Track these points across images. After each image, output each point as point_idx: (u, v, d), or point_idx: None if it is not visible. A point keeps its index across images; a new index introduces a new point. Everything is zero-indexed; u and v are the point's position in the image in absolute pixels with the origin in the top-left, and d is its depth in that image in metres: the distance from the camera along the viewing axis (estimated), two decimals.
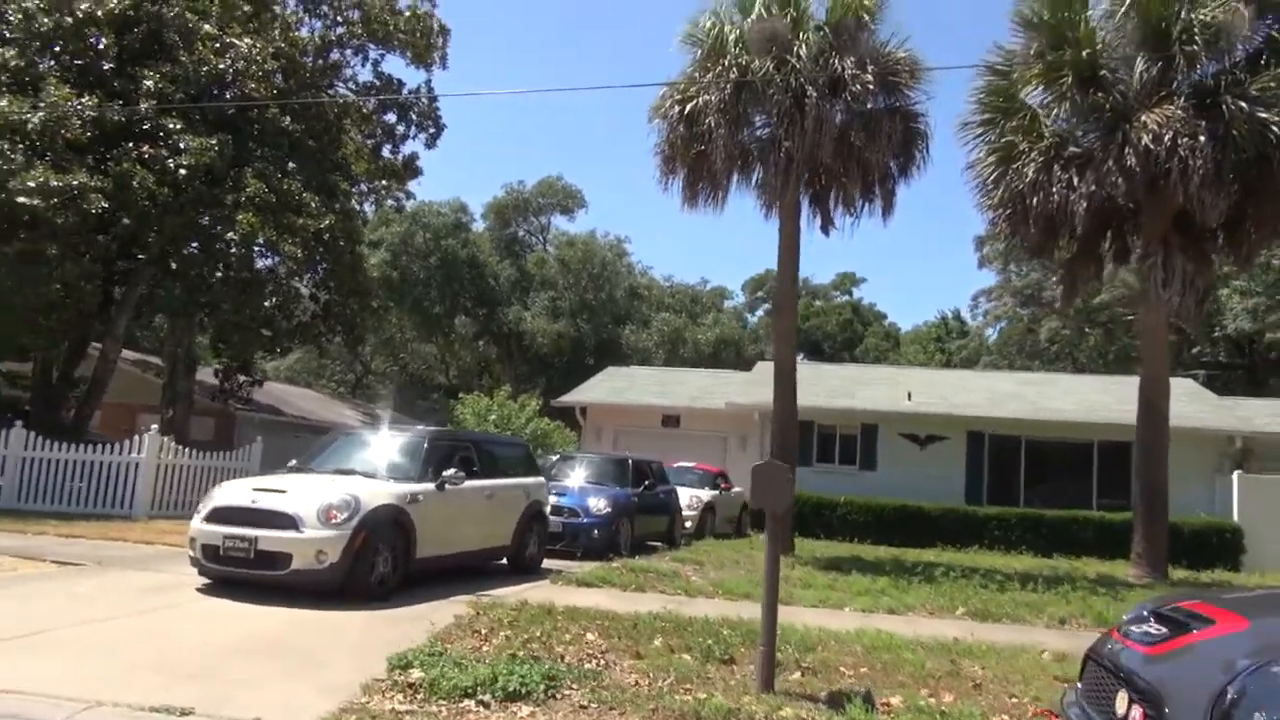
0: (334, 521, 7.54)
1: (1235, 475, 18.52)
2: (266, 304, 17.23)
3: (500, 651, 5.95)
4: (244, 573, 7.59)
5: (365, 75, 21.99)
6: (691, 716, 4.72)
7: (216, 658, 5.56)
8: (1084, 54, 12.56)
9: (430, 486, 8.64)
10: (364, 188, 23.25)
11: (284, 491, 7.89)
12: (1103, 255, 14.68)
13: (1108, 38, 12.96)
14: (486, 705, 4.79)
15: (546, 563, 10.99)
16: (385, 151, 22.14)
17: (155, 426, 14.96)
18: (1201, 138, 11.80)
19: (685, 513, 15.99)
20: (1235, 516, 18.23)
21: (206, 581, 8.11)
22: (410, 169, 22.45)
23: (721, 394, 24.59)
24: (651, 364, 33.63)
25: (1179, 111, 12.00)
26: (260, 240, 16.55)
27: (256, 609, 7.15)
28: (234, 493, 8.07)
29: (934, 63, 13.43)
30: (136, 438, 14.57)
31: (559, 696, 4.97)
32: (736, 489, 18.95)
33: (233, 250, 16.59)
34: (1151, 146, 11.87)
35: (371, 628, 6.80)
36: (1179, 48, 12.07)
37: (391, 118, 22.24)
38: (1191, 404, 22.37)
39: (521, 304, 38.47)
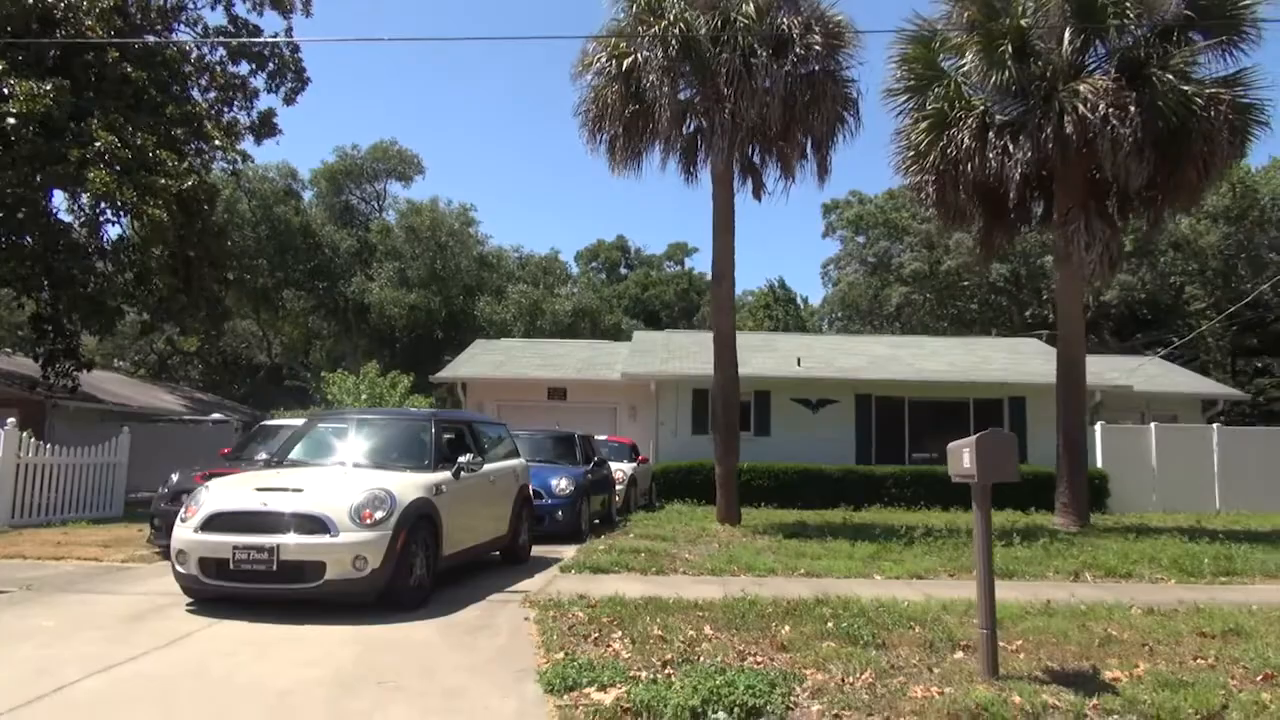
0: (370, 522, 6.45)
1: (1098, 426, 20.08)
2: (122, 276, 14.89)
3: (645, 657, 5.25)
4: (264, 588, 6.34)
5: (217, 19, 19.49)
6: (959, 714, 4.25)
7: (319, 703, 4.51)
8: (1021, 23, 12.91)
9: (448, 475, 7.63)
10: (200, 145, 20.69)
11: (300, 490, 6.66)
12: (1015, 221, 15.31)
13: (1037, 9, 13.37)
14: None
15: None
16: (236, 108, 19.72)
17: (12, 420, 12.59)
18: (1131, 108, 12.46)
19: None
20: (1099, 463, 19.79)
21: (190, 602, 6.79)
22: (267, 126, 20.16)
23: (605, 365, 24.08)
24: (510, 336, 32.42)
25: (1110, 83, 12.61)
26: (120, 202, 14.25)
27: (290, 630, 6.00)
28: (231, 494, 6.74)
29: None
30: None
31: (794, 705, 4.37)
32: (646, 460, 18.56)
33: (84, 213, 14.21)
34: (1089, 116, 12.41)
35: (452, 642, 5.85)
36: (1109, 19, 12.64)
37: (245, 68, 19.85)
38: (1046, 361, 24.16)
39: (365, 275, 36.01)
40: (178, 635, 5.83)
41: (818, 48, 13.12)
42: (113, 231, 15.73)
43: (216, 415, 28.60)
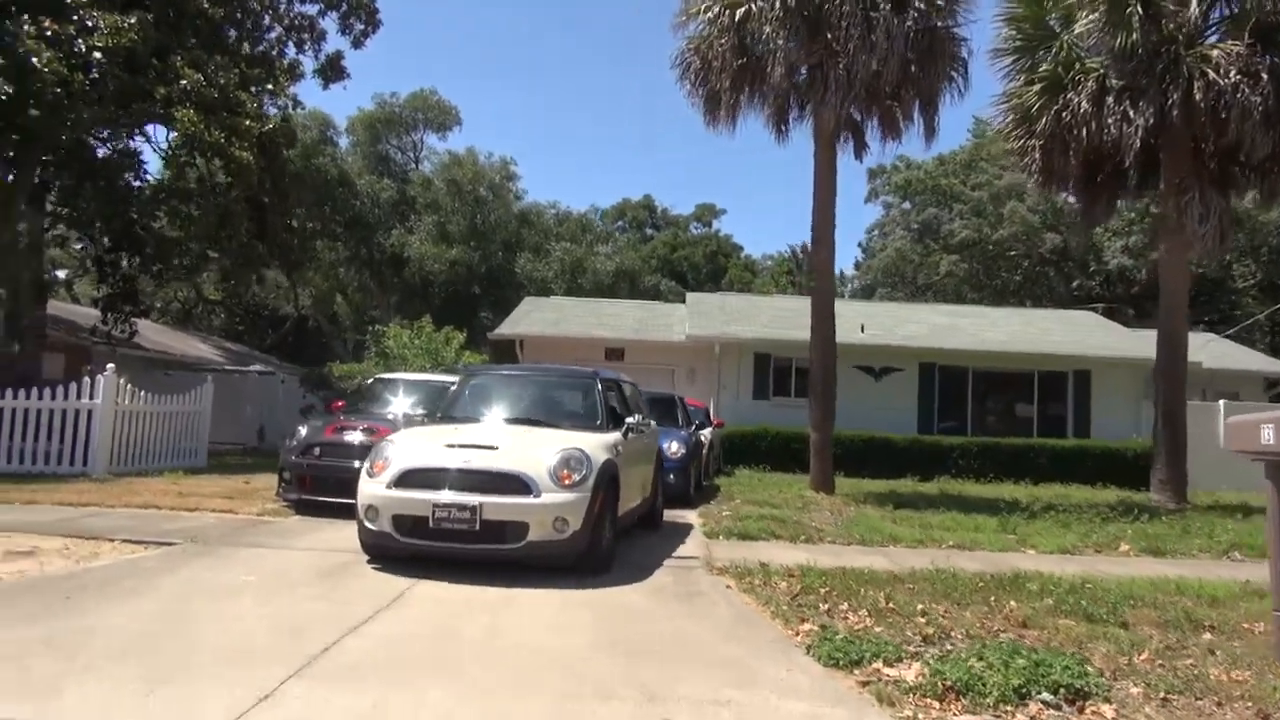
0: (569, 483, 6.26)
1: None
2: (209, 219, 14.58)
3: (899, 630, 5.09)
4: (465, 548, 6.16)
5: None
6: None
7: (609, 668, 4.34)
8: None
9: (618, 435, 7.43)
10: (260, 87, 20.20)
11: (495, 448, 6.46)
12: (1120, 188, 14.97)
13: None
14: (1056, 707, 3.95)
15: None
16: (305, 49, 19.21)
17: (111, 366, 12.38)
18: (1264, 75, 12.09)
19: None
20: None
21: (369, 559, 6.63)
22: (334, 69, 19.66)
23: (663, 326, 23.89)
24: (550, 295, 32.10)
25: (1242, 48, 12.21)
26: (209, 141, 13.90)
27: (500, 593, 5.83)
28: (424, 450, 6.53)
29: None
30: (86, 380, 12.03)
31: (1114, 687, 4.20)
32: (722, 424, 18.38)
33: (176, 152, 13.87)
34: (1219, 81, 12.05)
35: (675, 610, 5.69)
36: None
37: (312, 8, 19.30)
38: (1108, 335, 23.95)
39: (404, 228, 35.56)
40: (393, 594, 5.66)
41: (940, 2, 12.72)
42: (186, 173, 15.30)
43: (258, 366, 28.45)
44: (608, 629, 5.10)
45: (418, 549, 6.25)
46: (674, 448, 11.44)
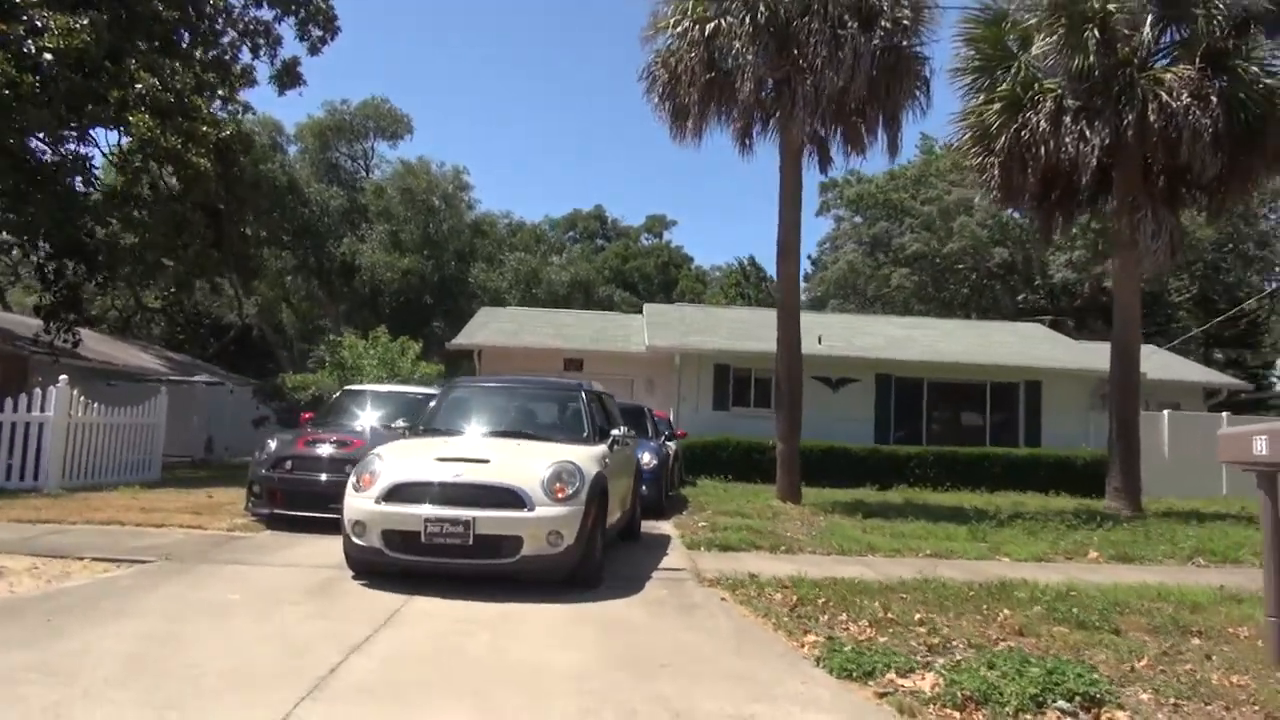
0: (562, 496, 6.19)
1: None
2: (164, 226, 14.16)
3: (904, 641, 5.13)
4: (457, 563, 6.04)
5: None
6: None
7: (625, 687, 4.29)
8: (1109, 7, 12.86)
9: (605, 448, 7.39)
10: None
11: (486, 461, 6.37)
12: (1075, 205, 15.39)
13: None
14: (1073, 715, 4.01)
15: None
16: (261, 55, 18.83)
17: (64, 377, 11.93)
18: (1213, 98, 12.55)
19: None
20: None
21: (353, 575, 6.49)
22: (290, 75, 19.30)
23: (621, 337, 23.88)
24: (504, 305, 31.87)
25: (1194, 72, 12.67)
26: (164, 147, 13.52)
27: (497, 609, 5.74)
28: (414, 464, 6.41)
29: None
30: (37, 392, 11.58)
31: (1123, 693, 4.28)
32: (685, 435, 18.39)
33: (129, 157, 13.47)
34: (1172, 104, 12.47)
35: (675, 623, 5.66)
36: (1195, 6, 12.68)
37: (268, 12, 18.93)
38: (1055, 347, 24.59)
39: (355, 236, 34.98)
40: (387, 612, 5.53)
41: (905, 21, 12.97)
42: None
43: (203, 376, 27.72)
44: (612, 644, 5.05)
45: (409, 564, 6.13)
46: (647, 459, 11.39)
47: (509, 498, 6.10)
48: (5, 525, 8.44)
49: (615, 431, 7.61)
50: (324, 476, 8.89)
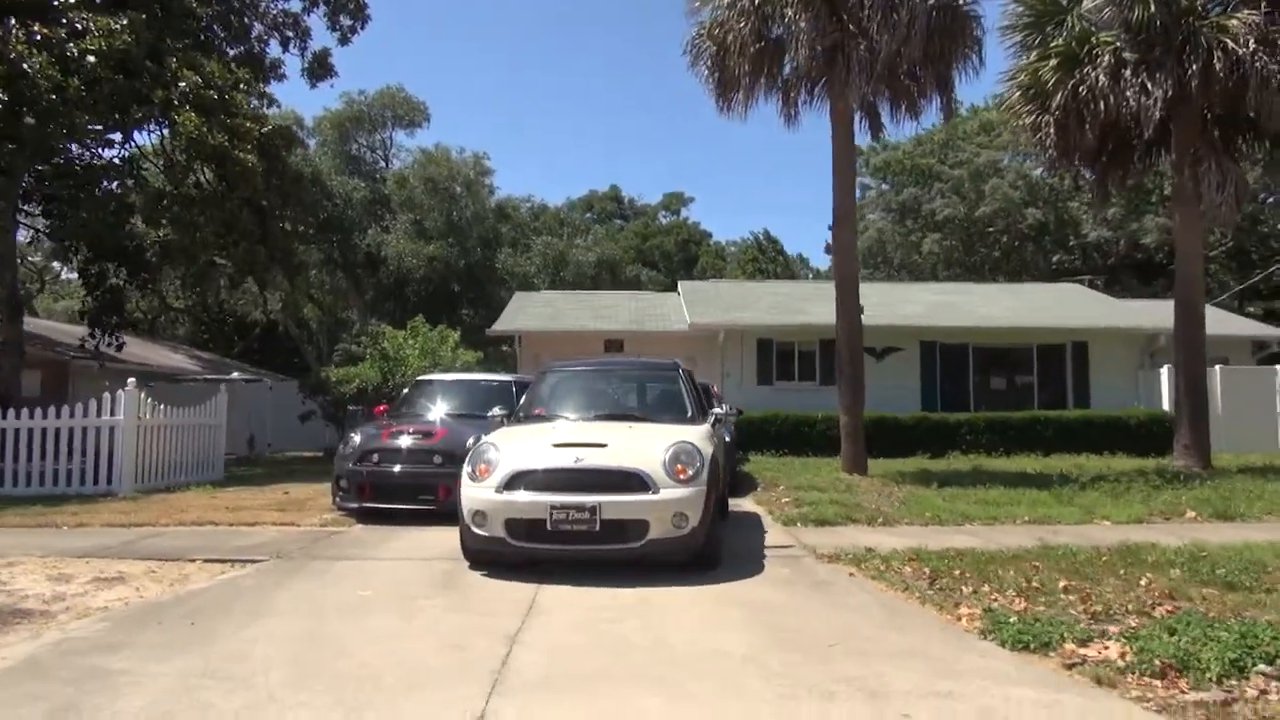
0: (684, 478, 6.09)
1: (1165, 369, 20.18)
2: (214, 225, 14.10)
3: (1062, 610, 5.02)
4: (585, 549, 5.97)
5: None
6: None
7: (808, 668, 4.20)
8: None
9: (708, 427, 7.28)
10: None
11: (605, 445, 6.27)
12: (1132, 161, 15.11)
13: None
14: (1278, 677, 3.89)
15: None
16: (291, 46, 18.68)
17: (133, 380, 11.92)
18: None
19: None
20: (1165, 406, 19.93)
21: (470, 565, 6.43)
22: (322, 67, 19.16)
23: (658, 315, 23.77)
24: (533, 289, 31.75)
25: (1259, 18, 12.36)
26: (213, 145, 13.43)
27: (634, 593, 5.66)
28: (532, 451, 6.30)
29: None
30: (106, 396, 11.57)
31: None
32: (741, 411, 18.27)
33: (176, 158, 13.39)
34: (1239, 50, 12.18)
35: (816, 601, 5.56)
36: None
37: (295, 5, 18.77)
38: (1099, 306, 24.27)
39: (380, 227, 34.87)
40: (525, 601, 5.46)
41: None
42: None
43: (236, 374, 27.80)
44: (766, 625, 4.95)
45: (533, 553, 6.05)
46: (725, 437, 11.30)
47: (633, 481, 6.01)
48: (100, 530, 8.43)
49: (717, 410, 7.51)
50: (412, 468, 8.84)
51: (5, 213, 14.28)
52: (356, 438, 9.30)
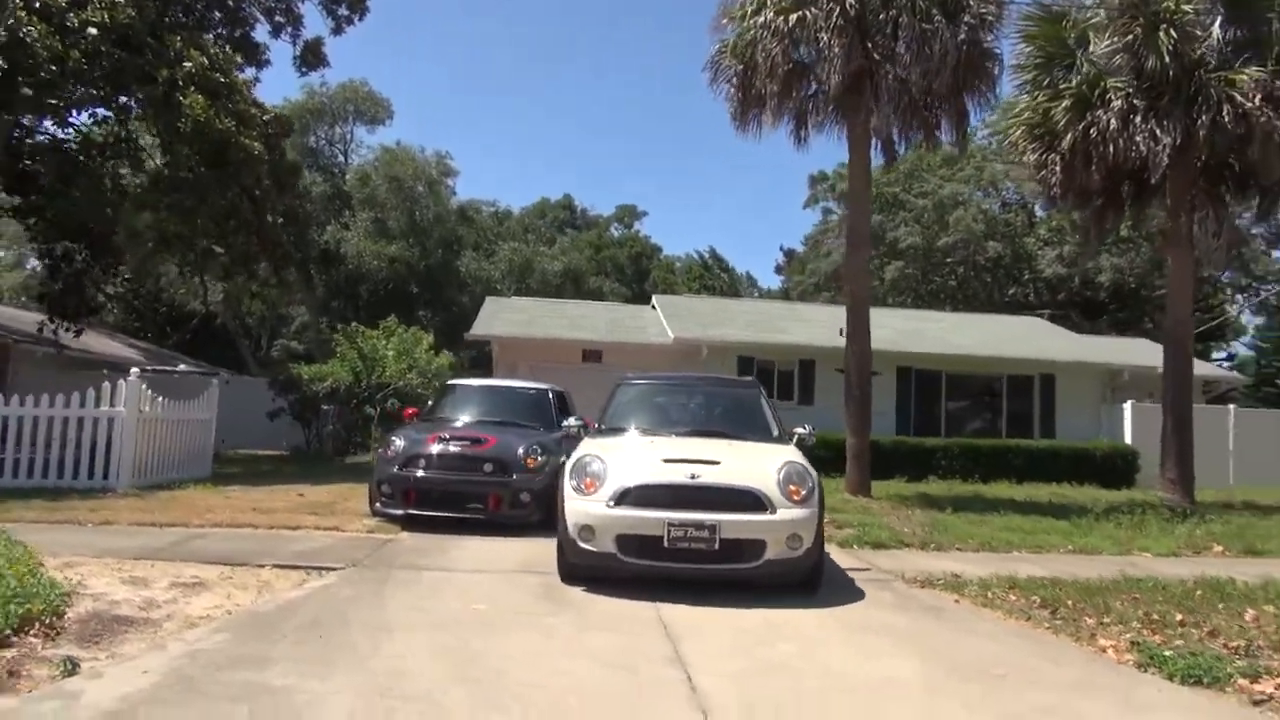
0: (798, 498, 6.02)
1: (1129, 405, 20.94)
2: (214, 212, 13.50)
3: (1191, 641, 5.08)
4: (701, 568, 5.83)
5: None
6: None
7: (982, 700, 4.17)
8: (1184, 7, 13.04)
9: (795, 446, 7.20)
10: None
11: (718, 463, 6.14)
12: (1125, 203, 15.63)
13: None
14: None
15: None
16: (283, 33, 18.08)
17: (136, 370, 11.27)
18: None
19: None
20: (1129, 440, 20.64)
21: (561, 580, 6.24)
22: (315, 55, 18.58)
23: (636, 328, 23.66)
24: (497, 294, 31.30)
25: (1266, 75, 12.93)
26: (219, 129, 12.88)
27: (757, 615, 5.57)
28: (641, 466, 6.14)
29: None
30: (105, 386, 10.94)
31: None
32: None
33: (174, 142, 12.81)
34: (1246, 105, 12.72)
35: (935, 625, 5.53)
36: (1272, 10, 12.95)
37: None
38: (1064, 340, 25.04)
39: (339, 224, 33.96)
40: (650, 621, 5.32)
41: (990, 16, 13.00)
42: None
43: (183, 366, 26.65)
44: (917, 652, 4.89)
45: (646, 570, 5.87)
46: None
47: (749, 500, 5.90)
48: (131, 529, 7.93)
49: (800, 430, 7.41)
50: (462, 475, 8.57)
51: None
52: (400, 442, 8.96)
